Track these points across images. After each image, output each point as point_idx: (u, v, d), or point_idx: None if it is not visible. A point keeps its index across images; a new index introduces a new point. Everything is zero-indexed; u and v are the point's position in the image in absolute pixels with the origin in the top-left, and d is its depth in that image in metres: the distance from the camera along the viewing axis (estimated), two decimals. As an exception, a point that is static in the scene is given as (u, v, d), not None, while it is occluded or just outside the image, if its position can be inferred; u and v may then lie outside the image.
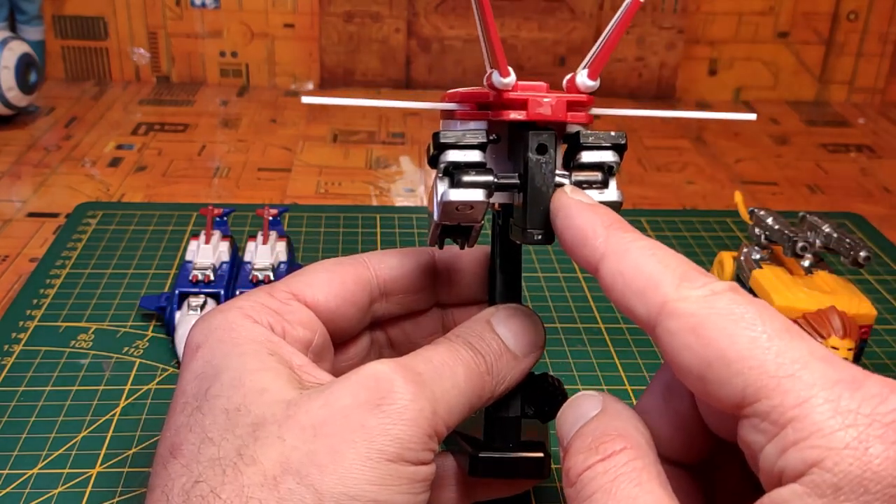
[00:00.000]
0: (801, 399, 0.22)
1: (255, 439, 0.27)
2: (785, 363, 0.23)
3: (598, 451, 0.26)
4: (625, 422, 0.27)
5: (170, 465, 0.28)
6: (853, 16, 0.97)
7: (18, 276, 0.59)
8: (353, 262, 0.36)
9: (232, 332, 0.31)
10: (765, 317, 0.24)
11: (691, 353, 0.24)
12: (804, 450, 0.22)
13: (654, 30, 0.96)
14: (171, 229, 0.63)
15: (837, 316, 0.46)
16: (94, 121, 0.86)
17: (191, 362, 0.31)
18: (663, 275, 0.26)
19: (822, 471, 0.22)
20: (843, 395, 0.22)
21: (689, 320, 0.25)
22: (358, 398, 0.27)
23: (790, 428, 0.22)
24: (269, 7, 0.94)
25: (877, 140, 0.90)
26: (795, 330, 0.24)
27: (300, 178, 0.75)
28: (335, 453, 0.26)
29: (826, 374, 0.23)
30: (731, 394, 0.24)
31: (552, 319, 0.54)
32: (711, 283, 0.25)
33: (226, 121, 0.88)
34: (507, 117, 0.30)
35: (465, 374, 0.30)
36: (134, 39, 0.95)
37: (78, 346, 0.50)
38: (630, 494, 0.25)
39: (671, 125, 0.91)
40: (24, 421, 0.44)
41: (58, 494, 0.40)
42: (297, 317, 0.33)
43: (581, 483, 0.26)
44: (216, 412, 0.28)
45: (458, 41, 0.96)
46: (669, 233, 0.66)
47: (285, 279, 0.35)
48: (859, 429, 0.22)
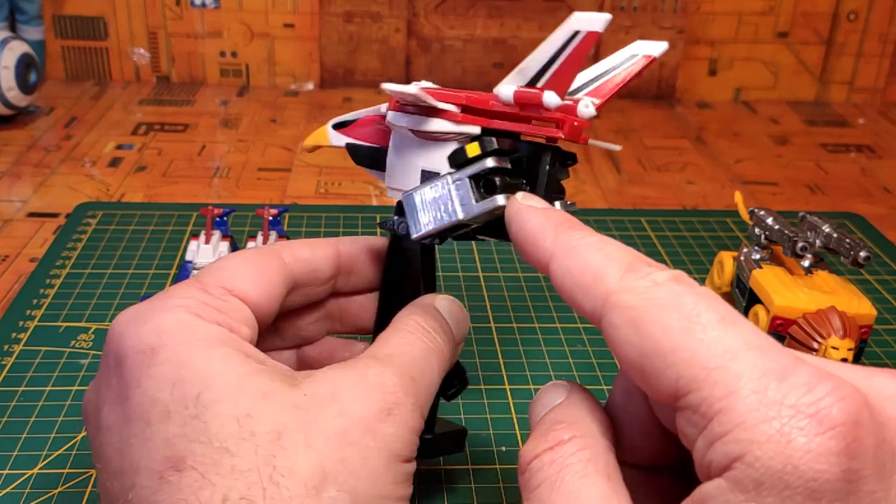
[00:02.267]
0: (729, 391, 0.22)
1: (283, 448, 0.27)
2: (716, 353, 0.22)
3: (547, 440, 0.26)
4: (581, 410, 0.27)
5: (177, 478, 0.27)
6: (853, 16, 0.97)
7: (18, 276, 0.59)
8: (273, 254, 0.35)
9: (192, 333, 0.30)
10: (702, 306, 0.24)
11: (631, 345, 0.24)
12: (728, 443, 0.22)
13: (654, 30, 0.96)
14: (171, 229, 0.63)
15: (837, 316, 0.46)
16: (94, 121, 0.86)
17: (149, 368, 0.29)
18: (608, 268, 0.26)
19: (744, 465, 0.21)
20: (769, 386, 0.22)
21: (629, 313, 0.24)
22: (371, 408, 0.29)
23: (716, 421, 0.22)
24: (269, 7, 0.94)
25: (877, 140, 0.90)
26: (733, 318, 0.24)
27: (300, 178, 0.75)
28: (364, 459, 0.28)
29: (755, 365, 0.22)
30: (667, 385, 0.23)
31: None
32: (654, 273, 0.25)
33: (226, 121, 0.88)
34: (551, 133, 0.32)
35: (437, 365, 0.33)
36: (134, 39, 0.95)
37: (78, 346, 0.50)
38: (573, 487, 0.25)
39: (671, 125, 0.91)
40: (24, 421, 0.44)
41: (58, 494, 0.40)
42: (238, 314, 0.32)
43: (530, 472, 0.26)
44: (223, 419, 0.27)
45: (457, 41, 0.96)
46: (669, 233, 0.66)
47: (209, 271, 0.33)
48: (782, 421, 0.21)
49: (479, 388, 0.48)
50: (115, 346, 0.30)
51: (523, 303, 0.56)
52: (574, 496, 0.24)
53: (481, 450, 0.43)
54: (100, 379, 0.31)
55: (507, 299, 0.56)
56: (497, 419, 0.46)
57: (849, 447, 0.21)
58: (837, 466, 0.21)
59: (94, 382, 0.32)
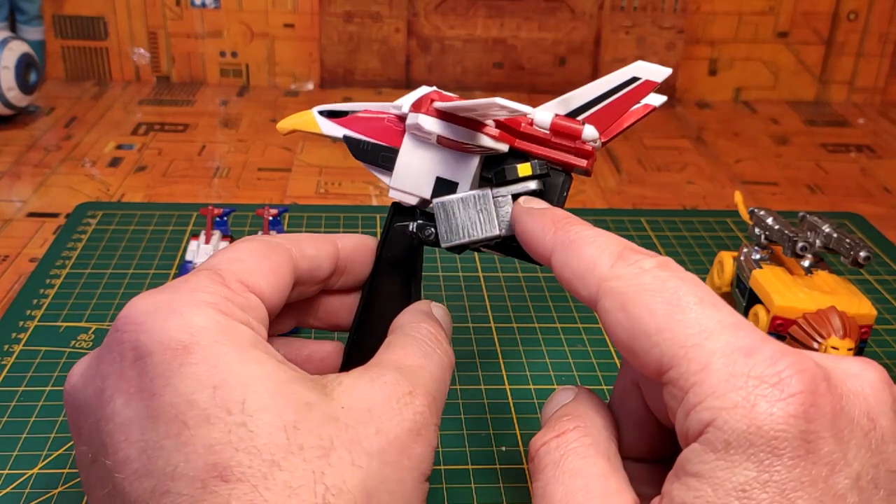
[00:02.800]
0: (702, 366, 0.25)
1: (330, 465, 0.27)
2: (694, 333, 0.25)
3: (554, 430, 0.30)
4: (586, 407, 0.31)
5: (224, 489, 0.26)
6: (853, 16, 0.97)
7: (18, 276, 0.59)
8: (283, 250, 0.34)
9: (225, 333, 0.29)
10: (683, 289, 0.26)
11: (622, 328, 0.27)
12: (701, 411, 0.24)
13: (654, 30, 0.96)
14: (171, 229, 0.63)
15: (837, 316, 0.46)
16: (94, 121, 0.86)
17: (183, 367, 0.27)
18: (600, 258, 0.28)
19: (715, 429, 0.24)
20: (737, 361, 0.25)
21: (618, 298, 0.27)
22: (404, 427, 0.30)
23: (691, 392, 0.25)
24: (269, 7, 0.94)
25: (877, 140, 0.90)
26: (711, 300, 0.26)
27: (300, 178, 0.75)
28: (401, 480, 0.29)
29: (728, 342, 0.25)
30: (653, 363, 0.26)
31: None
32: (642, 261, 0.28)
33: (226, 121, 0.88)
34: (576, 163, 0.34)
35: (448, 381, 0.34)
36: (134, 39, 0.95)
37: (78, 346, 0.50)
38: (575, 466, 0.28)
39: (671, 125, 0.91)
40: (24, 421, 0.44)
41: (58, 494, 0.40)
42: (258, 313, 0.32)
43: (538, 457, 0.29)
44: (271, 430, 0.27)
45: (458, 41, 0.96)
46: (669, 233, 0.66)
47: (225, 261, 0.32)
48: (748, 390, 0.24)
49: (480, 387, 0.48)
50: (134, 337, 0.28)
51: (523, 303, 0.56)
52: (575, 473, 0.28)
53: (481, 450, 0.43)
54: (104, 366, 0.29)
55: (507, 299, 0.56)
56: (497, 419, 0.46)
57: (806, 412, 0.24)
58: (795, 427, 0.24)
59: (92, 368, 0.30)
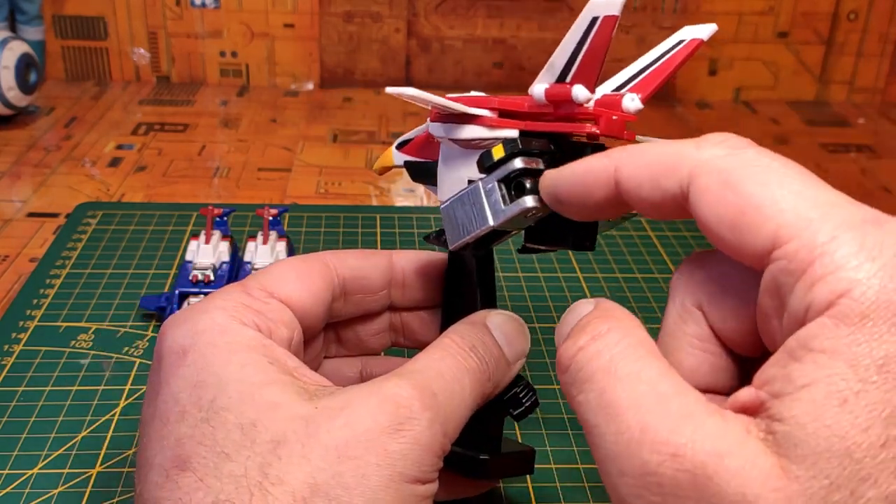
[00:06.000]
0: (830, 236, 0.23)
1: (279, 458, 0.27)
2: (815, 205, 0.24)
3: (586, 333, 0.26)
4: (614, 310, 0.27)
5: (180, 477, 0.28)
6: (853, 16, 0.97)
7: (18, 276, 0.59)
8: (317, 260, 0.36)
9: (223, 336, 0.31)
10: (790, 165, 0.25)
11: (725, 204, 0.25)
12: (832, 282, 0.22)
13: (654, 30, 0.96)
14: (171, 229, 0.63)
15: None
16: (94, 121, 0.86)
17: (179, 368, 0.30)
18: (683, 148, 0.26)
19: (850, 300, 0.22)
20: (868, 232, 0.23)
21: (720, 174, 0.25)
22: (379, 421, 0.28)
23: (818, 263, 0.23)
24: (269, 7, 0.94)
25: (877, 140, 0.90)
26: (818, 178, 0.25)
27: (300, 178, 0.75)
28: (362, 476, 0.27)
29: (853, 213, 0.24)
30: (763, 238, 0.24)
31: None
32: (728, 140, 0.26)
33: (226, 121, 0.88)
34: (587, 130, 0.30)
35: (471, 385, 0.31)
36: (134, 39, 0.95)
37: (78, 346, 0.50)
38: (633, 370, 0.25)
39: (671, 125, 0.91)
40: (24, 421, 0.44)
41: (58, 494, 0.40)
42: (278, 315, 0.33)
43: (576, 365, 0.26)
44: (229, 426, 0.28)
45: (458, 41, 0.96)
46: (670, 233, 0.66)
47: (254, 276, 0.34)
48: (885, 259, 0.22)
49: (479, 388, 0.48)
50: (158, 346, 0.31)
51: (523, 303, 0.56)
52: (636, 378, 0.25)
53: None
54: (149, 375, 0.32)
55: (507, 299, 0.56)
56: (497, 419, 0.46)
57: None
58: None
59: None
